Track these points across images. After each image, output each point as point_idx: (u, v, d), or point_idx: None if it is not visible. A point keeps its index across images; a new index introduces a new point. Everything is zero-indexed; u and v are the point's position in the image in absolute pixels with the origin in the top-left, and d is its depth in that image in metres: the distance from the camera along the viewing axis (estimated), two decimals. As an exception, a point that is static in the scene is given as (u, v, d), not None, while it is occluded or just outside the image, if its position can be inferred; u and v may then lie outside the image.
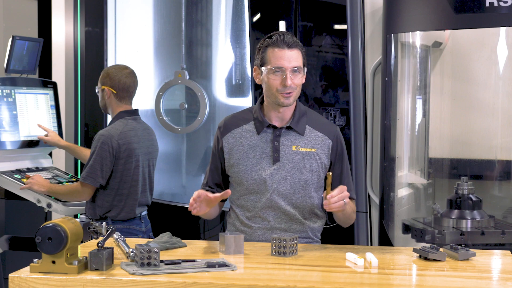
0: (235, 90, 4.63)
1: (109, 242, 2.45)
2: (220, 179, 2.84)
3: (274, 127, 2.75)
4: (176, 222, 4.60)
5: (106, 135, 3.59)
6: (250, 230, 2.75)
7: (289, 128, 2.75)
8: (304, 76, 2.73)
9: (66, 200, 3.89)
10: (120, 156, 3.59)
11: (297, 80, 2.68)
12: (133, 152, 3.63)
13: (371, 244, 4.01)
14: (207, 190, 2.80)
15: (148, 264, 2.17)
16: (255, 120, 2.78)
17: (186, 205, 4.64)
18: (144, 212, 3.78)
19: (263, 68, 2.70)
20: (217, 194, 2.58)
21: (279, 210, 2.73)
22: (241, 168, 2.74)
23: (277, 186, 2.71)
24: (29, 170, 4.17)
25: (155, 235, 3.69)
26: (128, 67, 3.79)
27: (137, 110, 3.80)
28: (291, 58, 2.66)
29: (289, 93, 2.67)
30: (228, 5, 4.62)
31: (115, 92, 3.69)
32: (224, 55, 4.65)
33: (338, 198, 2.49)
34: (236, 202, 2.81)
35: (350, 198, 2.80)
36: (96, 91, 3.80)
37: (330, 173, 2.52)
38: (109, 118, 4.78)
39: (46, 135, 4.19)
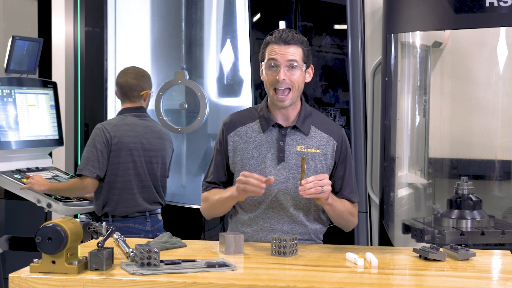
0: (235, 90, 4.63)
1: (109, 242, 2.45)
2: (225, 177, 2.79)
3: (280, 126, 2.72)
4: (176, 222, 4.60)
5: (99, 127, 3.67)
6: (251, 231, 2.73)
7: (294, 127, 2.72)
8: (305, 75, 2.68)
9: (69, 195, 3.89)
10: (112, 148, 3.62)
11: (294, 77, 2.63)
12: (126, 146, 3.64)
13: (371, 244, 4.01)
14: (213, 187, 2.78)
15: (148, 264, 2.17)
16: (260, 118, 2.74)
17: (186, 205, 4.66)
18: (157, 211, 3.79)
19: (262, 64, 2.69)
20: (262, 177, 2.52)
21: (283, 211, 2.71)
22: (246, 166, 2.71)
23: (281, 187, 2.68)
24: (29, 170, 4.16)
25: (156, 235, 3.69)
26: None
27: (141, 107, 3.80)
28: (287, 52, 2.61)
29: (288, 90, 2.62)
30: (227, 5, 4.62)
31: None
32: (224, 55, 4.64)
33: (314, 184, 2.47)
34: (238, 202, 2.74)
35: (350, 200, 2.80)
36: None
37: (304, 157, 2.51)
38: (109, 117, 4.79)
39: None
